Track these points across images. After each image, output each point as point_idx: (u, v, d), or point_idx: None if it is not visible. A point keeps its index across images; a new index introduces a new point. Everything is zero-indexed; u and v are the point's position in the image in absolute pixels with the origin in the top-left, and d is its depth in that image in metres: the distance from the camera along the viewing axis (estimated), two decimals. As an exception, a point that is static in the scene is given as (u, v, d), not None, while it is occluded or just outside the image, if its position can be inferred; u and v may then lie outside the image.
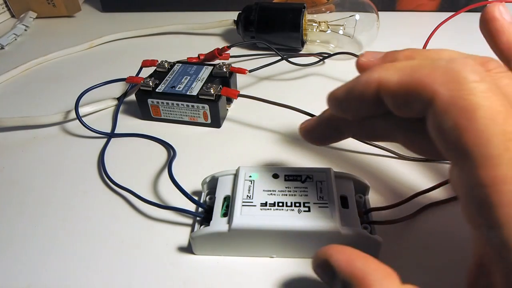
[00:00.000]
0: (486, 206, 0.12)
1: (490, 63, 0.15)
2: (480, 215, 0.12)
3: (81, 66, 0.43)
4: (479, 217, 0.13)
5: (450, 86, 0.13)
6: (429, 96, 0.13)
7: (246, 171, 0.23)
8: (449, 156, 0.14)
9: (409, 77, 0.14)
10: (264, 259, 0.22)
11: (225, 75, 0.32)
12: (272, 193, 0.21)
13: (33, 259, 0.22)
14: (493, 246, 0.12)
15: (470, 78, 0.13)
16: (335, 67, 0.39)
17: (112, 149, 0.30)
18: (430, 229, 0.23)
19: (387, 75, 0.15)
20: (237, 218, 0.20)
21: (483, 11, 0.19)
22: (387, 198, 0.25)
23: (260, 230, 0.20)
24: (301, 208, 0.20)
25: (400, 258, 0.21)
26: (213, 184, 0.23)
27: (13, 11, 0.55)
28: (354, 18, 0.40)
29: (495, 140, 0.12)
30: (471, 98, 0.12)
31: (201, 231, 0.21)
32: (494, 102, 0.12)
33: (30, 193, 0.27)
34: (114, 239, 0.23)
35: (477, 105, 0.12)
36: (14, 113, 0.35)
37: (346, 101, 0.17)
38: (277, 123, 0.32)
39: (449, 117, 0.13)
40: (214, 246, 0.21)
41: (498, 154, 0.12)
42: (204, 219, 0.22)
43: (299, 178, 0.22)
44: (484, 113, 0.12)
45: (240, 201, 0.21)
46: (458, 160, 0.13)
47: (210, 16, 0.50)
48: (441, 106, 0.13)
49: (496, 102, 0.12)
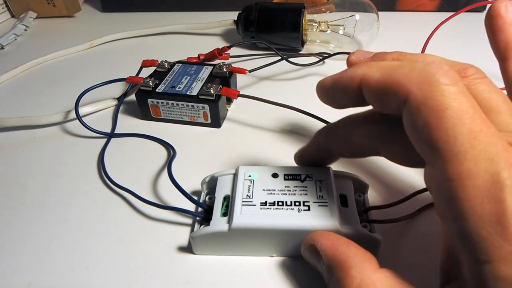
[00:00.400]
0: (452, 199, 0.13)
1: (469, 69, 0.16)
2: (447, 207, 0.13)
3: (81, 66, 0.43)
4: (446, 210, 0.13)
5: (423, 87, 0.14)
6: (404, 95, 0.14)
7: (245, 171, 0.23)
8: (422, 153, 0.14)
9: (388, 76, 0.15)
10: (264, 259, 0.22)
11: (225, 75, 0.32)
12: (271, 192, 0.21)
13: (33, 258, 0.22)
14: (457, 238, 0.13)
15: (442, 80, 0.14)
16: (335, 67, 0.39)
17: (112, 149, 0.30)
18: (430, 228, 0.23)
19: (370, 72, 0.16)
20: (237, 217, 0.20)
21: (490, 7, 0.20)
22: (386, 197, 0.25)
23: (260, 229, 0.20)
24: (301, 207, 0.20)
25: (399, 256, 0.21)
26: (213, 184, 0.23)
27: (13, 11, 0.55)
28: (354, 18, 0.40)
29: (462, 138, 0.13)
30: (441, 99, 0.13)
31: (201, 231, 0.21)
32: (463, 104, 0.13)
33: (30, 193, 0.27)
34: (114, 239, 0.23)
35: (446, 105, 0.13)
36: (14, 113, 0.35)
37: (332, 91, 0.18)
38: (277, 123, 0.32)
39: (421, 116, 0.14)
40: (214, 245, 0.21)
41: (464, 150, 0.13)
42: (204, 219, 0.22)
43: (299, 177, 0.22)
44: (453, 113, 0.13)
45: (240, 200, 0.21)
46: (430, 156, 0.14)
47: (210, 16, 0.50)
48: (414, 105, 0.14)
49: (465, 104, 0.13)
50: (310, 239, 0.19)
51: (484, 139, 0.13)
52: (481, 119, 0.13)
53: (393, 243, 0.22)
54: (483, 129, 0.13)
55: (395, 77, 0.15)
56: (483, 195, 0.12)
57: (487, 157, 0.12)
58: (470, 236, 0.12)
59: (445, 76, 0.14)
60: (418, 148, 0.15)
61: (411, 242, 0.22)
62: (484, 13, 0.51)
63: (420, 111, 0.14)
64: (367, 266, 0.17)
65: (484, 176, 0.12)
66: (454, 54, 0.25)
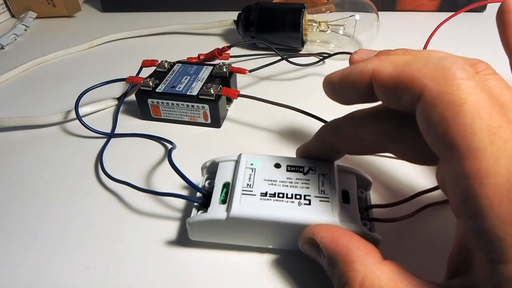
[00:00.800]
0: (469, 197, 0.12)
1: (479, 65, 0.16)
2: (464, 205, 0.13)
3: (81, 66, 0.43)
4: (462, 207, 0.13)
5: (439, 81, 0.13)
6: (418, 89, 0.14)
7: (247, 159, 0.22)
8: (437, 150, 0.14)
9: (401, 70, 0.15)
10: (262, 254, 0.22)
11: (225, 75, 0.32)
12: (273, 183, 0.21)
13: (33, 258, 0.22)
14: (473, 236, 0.13)
15: (458, 75, 0.13)
16: (335, 67, 0.39)
17: (112, 149, 0.30)
18: (430, 228, 0.23)
19: (381, 66, 0.15)
20: (235, 206, 0.20)
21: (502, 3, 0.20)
22: (388, 198, 0.25)
23: (259, 220, 0.19)
24: (302, 201, 0.20)
25: (398, 256, 0.21)
26: (213, 169, 0.23)
27: (13, 11, 0.55)
28: (354, 18, 0.40)
29: (480, 133, 0.12)
30: (458, 93, 0.13)
31: (198, 217, 0.20)
32: (481, 98, 0.13)
33: (30, 193, 0.27)
34: (114, 239, 0.23)
35: (464, 99, 0.13)
36: (14, 113, 0.35)
37: (340, 86, 0.17)
38: (277, 123, 0.32)
39: (437, 111, 0.13)
40: (210, 232, 0.21)
41: (483, 147, 0.12)
42: (202, 204, 0.22)
43: (302, 170, 0.21)
44: (471, 107, 0.13)
45: (240, 189, 0.20)
46: (446, 153, 0.13)
47: (210, 16, 0.50)
48: (430, 100, 0.13)
49: (483, 98, 0.13)
50: (309, 232, 0.18)
51: (504, 135, 0.12)
52: (500, 114, 0.13)
53: (392, 242, 0.22)
54: (502, 124, 0.12)
55: (409, 72, 0.14)
56: (502, 194, 0.12)
57: (507, 154, 0.12)
58: (486, 235, 0.12)
59: (462, 70, 0.13)
60: (432, 145, 0.14)
61: (411, 241, 0.22)
62: (484, 13, 0.51)
63: (436, 106, 0.13)
64: (370, 259, 0.16)
65: (504, 174, 0.12)
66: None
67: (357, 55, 0.19)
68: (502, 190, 0.12)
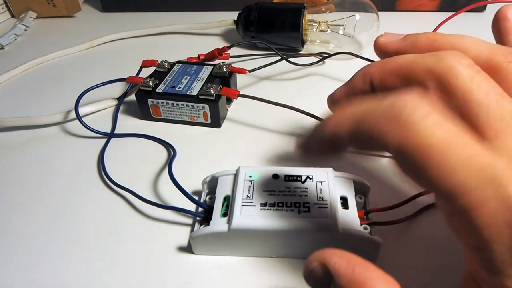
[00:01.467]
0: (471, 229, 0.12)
1: None
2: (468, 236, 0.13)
3: (81, 66, 0.43)
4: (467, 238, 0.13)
5: (397, 133, 0.13)
6: (382, 144, 0.13)
7: (246, 171, 0.23)
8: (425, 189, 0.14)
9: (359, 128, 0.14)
10: (264, 259, 0.22)
11: (225, 75, 0.32)
12: (272, 193, 0.21)
13: (33, 258, 0.22)
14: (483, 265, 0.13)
15: (413, 118, 0.12)
16: (335, 67, 0.39)
17: (112, 149, 0.30)
18: (430, 230, 0.23)
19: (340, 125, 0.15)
20: (236, 218, 0.20)
21: (498, 10, 0.20)
22: (387, 198, 0.25)
23: (260, 230, 0.20)
24: (301, 209, 0.20)
25: (399, 259, 0.21)
26: (213, 184, 0.23)
27: (13, 11, 0.55)
28: (354, 18, 0.40)
29: (458, 169, 0.12)
30: (420, 138, 0.12)
31: (200, 231, 0.21)
32: (444, 133, 0.12)
33: (30, 193, 0.27)
34: (114, 239, 0.23)
35: (428, 142, 0.12)
36: (14, 113, 0.35)
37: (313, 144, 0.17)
38: (277, 123, 0.32)
39: (407, 161, 0.13)
40: (213, 246, 0.21)
41: (465, 181, 0.12)
42: (204, 219, 0.22)
43: (299, 179, 0.22)
44: (438, 147, 0.12)
45: (240, 201, 0.21)
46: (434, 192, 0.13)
47: (210, 16, 0.50)
48: (396, 152, 0.13)
49: (447, 133, 0.12)
50: (318, 257, 0.15)
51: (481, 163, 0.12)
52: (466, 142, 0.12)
53: (393, 245, 0.22)
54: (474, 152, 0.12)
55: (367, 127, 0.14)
56: (500, 222, 0.12)
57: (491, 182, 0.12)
58: (494, 263, 0.12)
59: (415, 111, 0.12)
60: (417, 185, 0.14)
61: (411, 244, 0.22)
62: (484, 13, 0.51)
63: (404, 157, 0.13)
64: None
65: (494, 203, 0.12)
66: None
67: (384, 38, 0.18)
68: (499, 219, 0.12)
